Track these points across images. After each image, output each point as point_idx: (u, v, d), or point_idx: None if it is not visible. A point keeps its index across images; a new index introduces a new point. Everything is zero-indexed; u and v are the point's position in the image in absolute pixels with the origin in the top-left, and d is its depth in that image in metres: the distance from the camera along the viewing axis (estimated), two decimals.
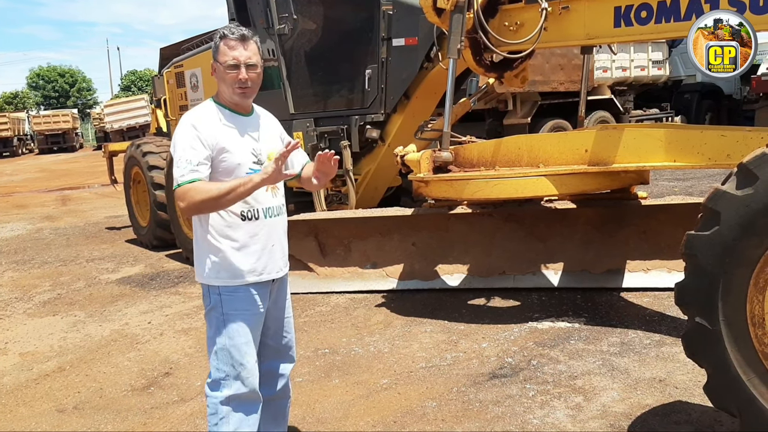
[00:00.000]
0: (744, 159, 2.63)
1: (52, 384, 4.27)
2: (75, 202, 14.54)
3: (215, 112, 2.57)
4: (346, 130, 6.33)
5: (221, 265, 2.54)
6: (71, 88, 61.93)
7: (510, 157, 4.79)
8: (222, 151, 2.49)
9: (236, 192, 2.40)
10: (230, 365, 2.55)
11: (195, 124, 2.49)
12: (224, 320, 2.55)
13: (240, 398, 2.58)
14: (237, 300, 2.55)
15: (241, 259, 2.54)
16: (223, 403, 2.56)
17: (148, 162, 8.11)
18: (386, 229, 5.59)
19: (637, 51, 15.14)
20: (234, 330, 2.55)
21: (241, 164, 2.51)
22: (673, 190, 10.05)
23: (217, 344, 2.57)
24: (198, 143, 2.45)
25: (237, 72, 2.51)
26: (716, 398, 2.76)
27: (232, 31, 2.52)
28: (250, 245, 2.56)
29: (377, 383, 3.89)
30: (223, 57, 2.51)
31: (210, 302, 2.59)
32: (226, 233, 2.54)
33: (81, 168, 25.25)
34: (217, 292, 2.56)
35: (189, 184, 2.40)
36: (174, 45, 12.13)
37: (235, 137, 2.54)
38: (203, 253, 2.59)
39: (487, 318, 4.86)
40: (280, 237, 2.67)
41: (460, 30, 4.60)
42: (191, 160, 2.42)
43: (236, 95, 2.55)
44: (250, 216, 2.56)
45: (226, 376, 2.56)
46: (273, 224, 2.63)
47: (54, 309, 6.00)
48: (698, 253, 2.67)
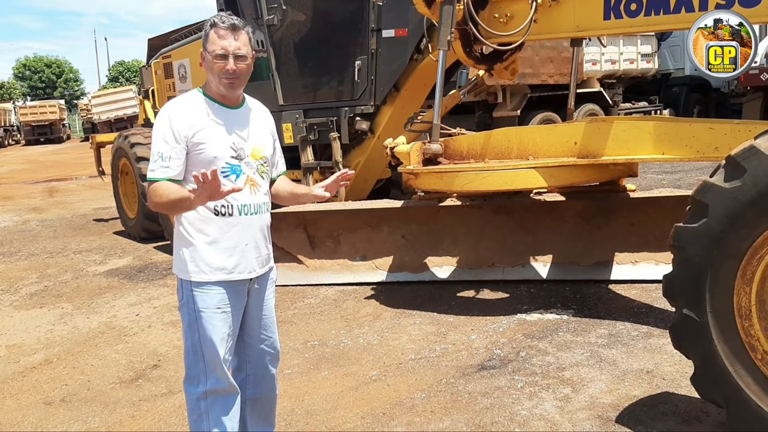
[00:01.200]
0: (732, 152, 2.65)
1: (39, 376, 4.24)
2: (62, 194, 14.43)
3: (197, 103, 2.50)
4: (335, 122, 6.31)
5: (192, 259, 2.50)
6: (58, 79, 61.43)
7: (499, 149, 4.79)
8: (198, 143, 2.43)
9: (181, 205, 2.39)
10: (203, 361, 2.52)
11: (171, 115, 2.45)
12: (196, 317, 2.50)
13: (217, 393, 2.55)
14: (207, 297, 2.49)
15: (212, 254, 2.48)
16: (201, 399, 2.54)
17: (135, 153, 8.05)
18: (376, 222, 5.58)
19: (626, 44, 15.20)
20: (205, 328, 2.49)
21: (218, 157, 2.44)
22: (662, 182, 10.10)
23: (190, 341, 2.53)
24: (171, 136, 2.41)
25: (225, 62, 2.43)
26: (703, 389, 2.79)
27: (223, 20, 2.44)
28: (222, 241, 2.49)
29: (366, 375, 3.90)
30: (212, 46, 2.44)
31: (182, 296, 2.55)
32: (199, 227, 2.49)
33: (68, 159, 25.04)
34: (189, 287, 2.51)
35: (155, 182, 2.40)
36: (162, 35, 12.05)
37: (214, 130, 2.46)
38: (178, 244, 2.57)
39: (476, 310, 4.87)
40: (256, 236, 2.56)
41: (450, 21, 4.58)
42: (162, 154, 2.40)
43: (223, 86, 2.47)
44: (224, 212, 2.48)
45: (200, 372, 2.53)
46: (249, 222, 2.53)
47: (41, 301, 5.96)
48: (686, 245, 2.69)
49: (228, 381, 2.57)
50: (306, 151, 6.45)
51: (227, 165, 2.47)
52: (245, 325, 2.66)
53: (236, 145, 2.50)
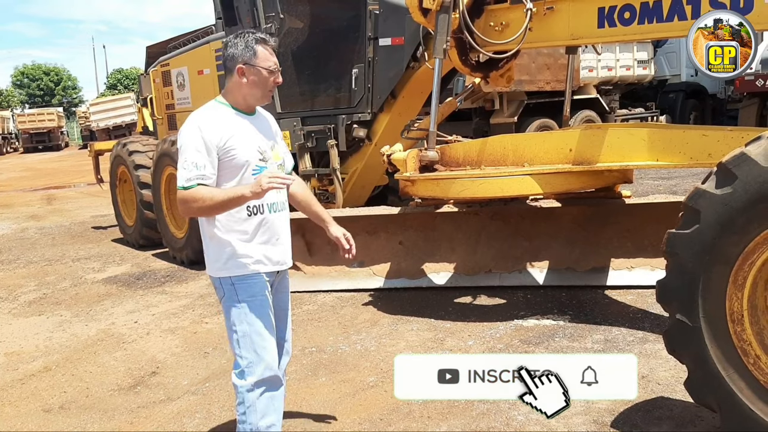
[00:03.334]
0: (723, 158, 2.68)
1: (38, 384, 4.26)
2: (60, 201, 14.44)
3: (223, 113, 2.66)
4: (333, 129, 6.35)
5: (231, 257, 2.64)
6: (56, 87, 61.40)
7: (495, 156, 4.83)
8: (229, 150, 2.58)
9: (230, 204, 2.54)
10: (253, 351, 2.64)
11: (201, 126, 2.57)
12: (241, 307, 2.65)
13: (265, 382, 2.67)
14: (251, 286, 2.66)
15: (250, 249, 2.65)
16: (249, 390, 2.65)
17: (134, 161, 8.09)
18: (373, 228, 5.61)
19: (622, 51, 15.26)
20: (252, 316, 2.65)
21: (248, 161, 2.62)
22: (658, 188, 10.14)
23: (238, 332, 2.66)
24: (203, 146, 2.54)
25: (275, 76, 2.66)
26: (697, 394, 2.81)
27: (266, 38, 2.65)
28: (257, 237, 2.67)
29: (364, 381, 3.92)
30: (266, 62, 2.63)
31: (224, 293, 2.69)
32: (234, 227, 2.65)
33: (66, 167, 25.05)
34: (229, 282, 2.66)
35: (192, 188, 2.51)
36: (161, 43, 12.09)
37: (242, 136, 2.63)
38: (213, 247, 2.69)
39: (473, 316, 4.89)
40: (284, 230, 2.79)
41: (446, 30, 4.63)
42: (197, 163, 2.52)
43: (267, 98, 2.72)
44: (256, 211, 2.66)
45: (250, 362, 2.65)
46: (277, 218, 2.74)
47: (40, 309, 5.98)
48: (679, 251, 2.72)
49: (274, 369, 2.70)
50: (304, 158, 6.49)
51: (257, 167, 2.65)
52: None
53: (261, 148, 2.69)
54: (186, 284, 6.46)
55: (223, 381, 4.02)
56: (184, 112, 8.27)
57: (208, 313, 5.42)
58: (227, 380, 4.02)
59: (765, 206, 2.54)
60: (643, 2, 4.15)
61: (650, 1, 4.13)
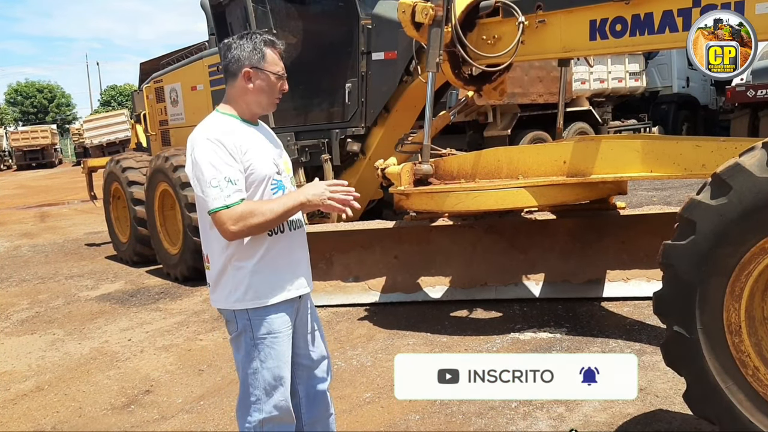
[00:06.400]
0: (718, 169, 2.68)
1: (30, 404, 4.20)
2: (54, 219, 14.38)
3: (233, 124, 2.41)
4: (326, 144, 6.35)
5: (247, 287, 2.38)
6: (50, 104, 61.34)
7: (489, 169, 4.83)
8: (249, 164, 2.35)
9: (287, 214, 2.34)
10: (263, 389, 2.43)
11: (220, 139, 2.31)
12: (256, 345, 2.41)
13: (273, 421, 2.46)
14: (271, 322, 2.41)
15: (267, 277, 2.39)
16: (255, 428, 2.44)
17: (127, 177, 8.06)
18: (368, 242, 5.59)
19: (614, 63, 15.36)
20: (267, 354, 2.41)
21: (268, 175, 2.39)
22: (652, 199, 10.17)
23: (251, 369, 2.43)
24: (230, 158, 2.29)
25: (283, 82, 2.46)
26: (695, 406, 2.79)
27: (275, 41, 2.44)
28: (276, 261, 2.41)
29: (360, 397, 3.88)
30: (275, 67, 2.42)
31: (238, 327, 2.43)
32: (249, 251, 2.38)
33: (60, 184, 24.98)
34: (245, 317, 2.40)
35: (237, 205, 2.26)
36: (154, 60, 12.13)
37: (258, 149, 2.40)
38: (225, 275, 2.41)
39: (469, 329, 4.87)
40: (303, 250, 2.55)
41: (439, 44, 4.64)
42: (231, 178, 2.27)
43: (273, 106, 2.48)
44: (277, 230, 2.41)
45: (258, 399, 2.43)
46: (296, 237, 2.50)
47: (32, 327, 5.92)
48: (675, 263, 2.71)
49: (286, 408, 2.48)
50: (298, 173, 6.47)
51: (275, 181, 2.43)
52: (295, 345, 2.56)
53: (275, 161, 2.47)
54: (180, 301, 6.42)
55: (218, 399, 3.97)
56: (178, 128, 8.28)
57: (202, 330, 5.38)
58: (222, 398, 3.98)
59: (760, 216, 2.54)
60: (634, 14, 4.17)
61: (641, 14, 4.15)
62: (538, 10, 4.53)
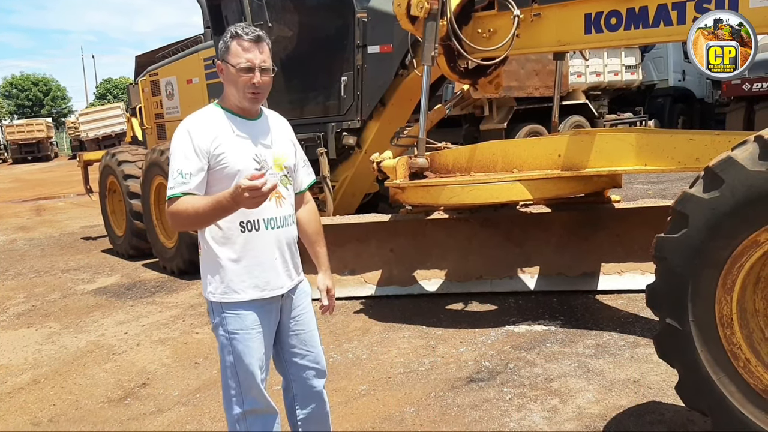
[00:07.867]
0: (710, 163, 2.69)
1: (27, 397, 4.22)
2: (50, 212, 14.36)
3: (217, 117, 2.41)
4: (322, 137, 6.35)
5: (221, 280, 2.41)
6: (45, 97, 61.17)
7: (485, 162, 4.84)
8: (220, 158, 2.33)
9: (212, 215, 2.26)
10: (238, 383, 2.45)
11: (191, 131, 2.34)
12: (229, 339, 2.42)
13: (255, 413, 2.49)
14: (240, 319, 2.41)
15: (240, 273, 2.40)
16: (238, 420, 2.47)
17: (123, 171, 8.06)
18: (364, 236, 5.60)
19: (610, 56, 15.37)
20: (240, 350, 2.42)
21: (242, 170, 2.33)
22: (647, 192, 10.19)
23: (227, 362, 2.46)
24: (192, 152, 2.31)
25: (251, 76, 2.34)
26: (688, 398, 2.81)
27: (246, 32, 2.33)
28: (249, 258, 2.40)
29: (356, 390, 3.90)
30: (236, 59, 2.33)
31: (214, 319, 2.47)
32: (224, 245, 2.40)
33: (56, 177, 24.93)
34: (220, 309, 2.43)
35: (176, 198, 2.28)
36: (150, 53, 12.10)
37: (236, 143, 2.37)
38: (205, 267, 2.47)
39: (464, 322, 4.89)
40: (283, 250, 2.49)
41: (434, 37, 4.64)
42: (182, 171, 2.30)
43: (246, 100, 2.39)
44: (250, 227, 2.39)
45: (236, 393, 2.46)
46: (275, 236, 2.45)
47: (28, 321, 5.92)
48: (668, 256, 2.72)
49: (265, 401, 2.51)
50: None
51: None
52: (283, 342, 2.58)
53: (259, 156, 2.41)
54: (176, 294, 6.43)
55: (214, 391, 3.99)
56: (173, 121, 8.27)
57: (198, 323, 5.39)
58: (218, 391, 3.98)
59: (752, 209, 2.55)
60: (629, 8, 4.18)
61: (636, 7, 4.16)
62: (533, 3, 4.54)
